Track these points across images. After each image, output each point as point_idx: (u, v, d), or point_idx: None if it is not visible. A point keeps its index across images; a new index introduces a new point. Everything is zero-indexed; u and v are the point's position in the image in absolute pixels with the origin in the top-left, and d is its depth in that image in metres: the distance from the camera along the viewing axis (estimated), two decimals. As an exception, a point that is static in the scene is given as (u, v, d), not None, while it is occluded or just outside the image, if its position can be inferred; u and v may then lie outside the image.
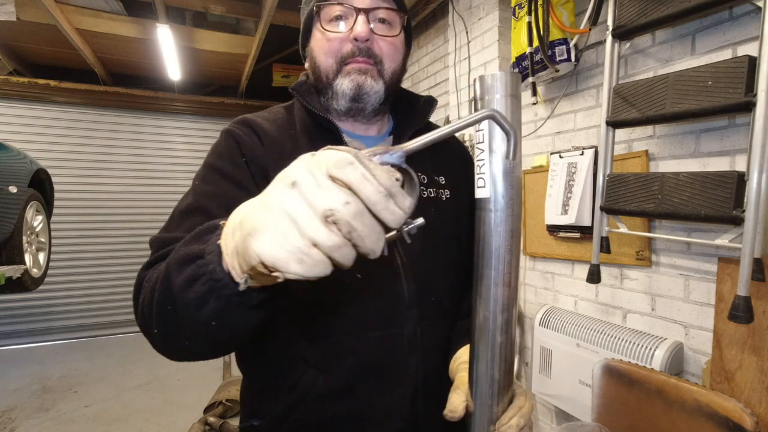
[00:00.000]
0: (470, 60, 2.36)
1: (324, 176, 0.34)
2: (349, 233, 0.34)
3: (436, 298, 0.74)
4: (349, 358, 0.68)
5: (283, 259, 0.34)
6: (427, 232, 0.74)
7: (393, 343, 0.70)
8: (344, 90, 0.72)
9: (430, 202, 0.77)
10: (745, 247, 1.15)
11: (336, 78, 0.72)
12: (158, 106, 4.84)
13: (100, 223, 4.67)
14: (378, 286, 0.70)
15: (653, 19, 1.36)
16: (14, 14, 2.89)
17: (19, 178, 2.88)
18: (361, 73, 0.71)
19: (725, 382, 1.27)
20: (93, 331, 4.67)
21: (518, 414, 0.57)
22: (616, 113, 1.50)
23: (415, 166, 0.76)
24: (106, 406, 3.06)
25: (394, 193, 0.35)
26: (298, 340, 0.69)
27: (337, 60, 0.71)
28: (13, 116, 4.32)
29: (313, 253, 0.35)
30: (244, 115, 0.76)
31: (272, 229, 0.35)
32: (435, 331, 0.74)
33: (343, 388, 0.67)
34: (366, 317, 0.69)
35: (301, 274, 0.35)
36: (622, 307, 1.72)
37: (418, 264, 0.73)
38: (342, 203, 0.34)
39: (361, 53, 0.70)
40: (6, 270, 2.50)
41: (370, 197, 0.34)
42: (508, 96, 0.49)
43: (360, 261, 0.69)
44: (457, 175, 0.85)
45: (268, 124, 0.74)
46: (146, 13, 3.55)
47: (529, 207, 2.14)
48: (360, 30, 0.69)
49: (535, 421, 2.14)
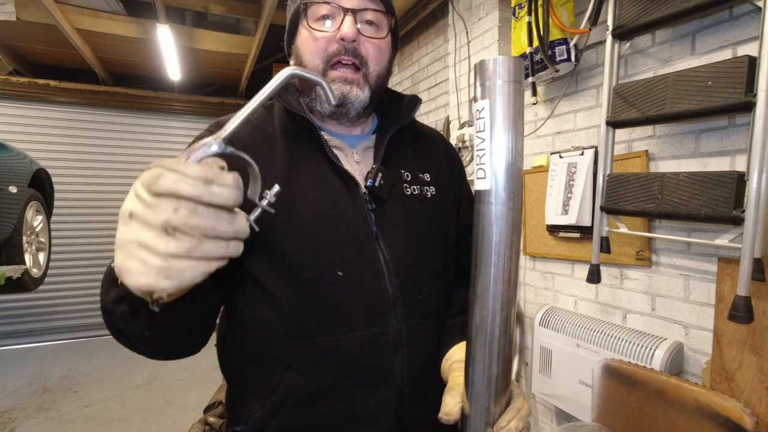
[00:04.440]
0: (470, 60, 2.36)
1: (149, 196, 0.38)
2: (196, 230, 0.38)
3: (422, 295, 0.73)
4: (330, 359, 0.66)
5: (153, 282, 0.38)
6: (410, 228, 0.74)
7: (376, 342, 0.68)
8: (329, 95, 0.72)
9: (414, 199, 0.77)
10: (745, 247, 1.15)
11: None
12: (158, 106, 4.84)
13: (100, 223, 4.67)
14: (360, 283, 0.68)
15: (653, 19, 1.36)
16: (14, 14, 2.89)
17: (19, 178, 2.88)
18: (347, 83, 0.71)
19: (725, 382, 1.27)
20: (93, 331, 4.67)
21: (517, 416, 0.56)
22: (616, 113, 1.50)
23: (399, 163, 0.78)
24: (106, 406, 3.06)
25: (210, 178, 0.38)
26: (277, 341, 0.67)
27: (323, 60, 0.71)
28: (13, 116, 4.32)
29: (174, 264, 0.38)
30: (219, 118, 0.75)
31: (130, 262, 0.39)
32: (422, 329, 0.72)
33: (324, 391, 0.66)
34: (347, 316, 0.67)
35: (175, 286, 0.39)
36: (622, 307, 1.72)
37: (402, 260, 0.71)
38: (172, 211, 0.37)
39: (348, 53, 0.70)
40: (6, 270, 2.50)
41: (191, 192, 0.37)
42: (511, 82, 0.47)
43: (341, 257, 0.67)
44: (443, 172, 0.84)
45: (242, 127, 0.73)
46: (146, 13, 3.55)
47: (529, 207, 2.14)
48: (347, 31, 0.68)
49: (535, 421, 2.14)
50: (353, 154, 0.77)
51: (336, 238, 0.68)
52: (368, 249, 0.70)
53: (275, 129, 0.74)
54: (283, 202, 0.67)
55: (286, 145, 0.72)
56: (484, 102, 0.48)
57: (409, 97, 0.83)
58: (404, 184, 0.77)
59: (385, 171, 0.73)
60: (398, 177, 0.76)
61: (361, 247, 0.69)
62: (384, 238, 0.71)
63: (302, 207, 0.68)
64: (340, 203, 0.70)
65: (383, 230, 0.71)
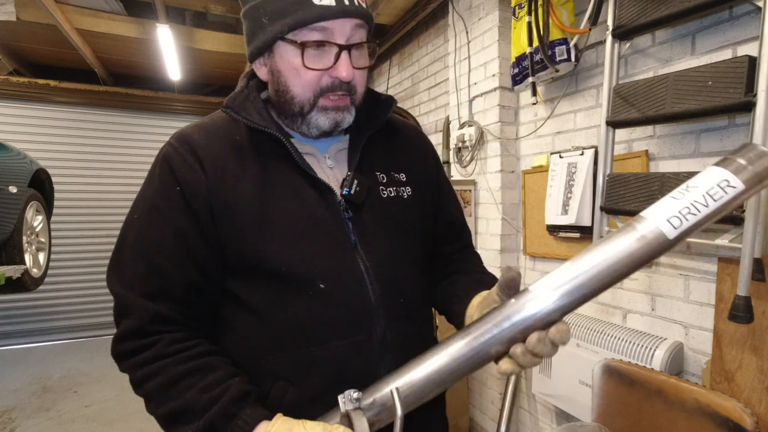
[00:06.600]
0: (470, 60, 2.36)
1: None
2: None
3: (404, 298, 0.73)
4: (317, 368, 0.67)
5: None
6: (389, 232, 0.74)
7: (362, 349, 0.69)
8: (320, 125, 0.70)
9: (391, 201, 0.76)
10: (745, 247, 1.15)
11: (311, 111, 0.69)
12: (158, 106, 4.84)
13: (100, 223, 4.67)
14: (342, 293, 0.68)
15: (653, 19, 1.36)
16: (14, 14, 2.89)
17: (19, 178, 2.88)
18: (339, 111, 0.70)
19: (725, 382, 1.27)
20: (93, 331, 4.67)
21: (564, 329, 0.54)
22: (616, 113, 1.50)
23: (374, 165, 0.78)
24: (106, 406, 3.06)
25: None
26: (264, 353, 0.68)
27: (315, 93, 0.68)
28: (13, 116, 4.32)
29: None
30: (181, 131, 0.72)
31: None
32: (406, 332, 0.72)
33: (314, 398, 0.66)
34: (332, 326, 0.68)
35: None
36: (622, 307, 1.72)
37: (383, 266, 0.71)
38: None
39: (341, 88, 0.68)
40: (6, 270, 2.50)
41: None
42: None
43: (321, 269, 0.69)
44: (419, 167, 0.84)
45: (207, 140, 0.70)
46: (146, 13, 3.55)
47: (529, 207, 2.14)
48: (345, 74, 0.66)
49: (535, 422, 2.14)
50: (326, 159, 0.76)
51: (315, 250, 0.68)
52: (348, 258, 0.70)
53: (242, 138, 0.72)
54: (258, 215, 0.67)
55: (255, 156, 0.70)
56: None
57: (384, 97, 0.80)
58: (380, 186, 0.76)
59: (361, 177, 0.72)
60: (373, 180, 0.75)
61: (341, 257, 0.69)
62: (363, 245, 0.71)
63: (278, 221, 0.67)
64: (316, 214, 0.69)
65: (362, 237, 0.71)
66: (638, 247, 0.51)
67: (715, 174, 0.52)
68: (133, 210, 0.70)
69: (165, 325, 0.65)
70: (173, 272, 0.66)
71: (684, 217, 0.50)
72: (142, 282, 0.65)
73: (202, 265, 0.67)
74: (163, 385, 0.62)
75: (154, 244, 0.66)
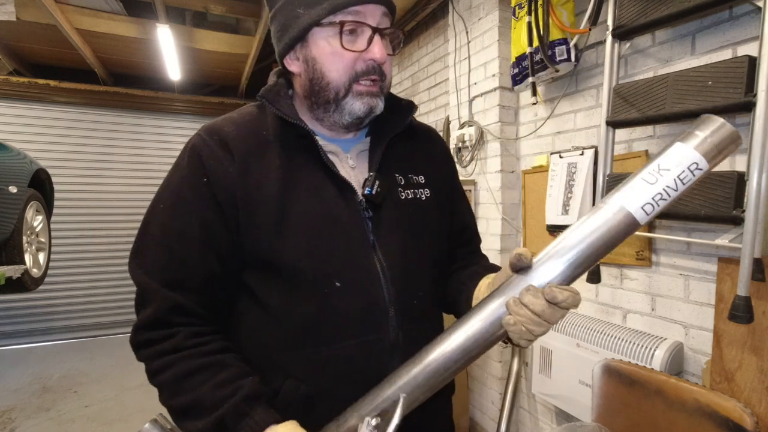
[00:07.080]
0: (470, 60, 2.36)
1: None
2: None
3: (417, 300, 0.74)
4: (328, 366, 0.68)
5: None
6: (406, 233, 0.75)
7: (373, 348, 0.69)
8: (354, 110, 0.71)
9: (409, 203, 0.77)
10: (745, 247, 1.15)
11: (346, 97, 0.70)
12: (158, 106, 4.84)
13: (100, 223, 4.67)
14: (357, 292, 0.69)
15: (653, 19, 1.36)
16: (14, 14, 2.89)
17: (19, 178, 2.88)
18: (373, 96, 0.71)
19: (725, 382, 1.27)
20: (93, 331, 4.67)
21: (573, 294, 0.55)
22: (616, 113, 1.50)
23: (393, 167, 0.78)
24: (106, 406, 3.06)
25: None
26: (275, 350, 0.68)
27: (350, 77, 0.70)
28: (13, 116, 4.31)
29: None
30: (211, 123, 0.73)
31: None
32: (417, 334, 0.72)
33: (324, 396, 0.67)
34: (345, 325, 0.68)
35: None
36: (622, 307, 1.72)
37: (399, 267, 0.72)
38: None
39: (375, 72, 0.70)
40: (6, 270, 2.50)
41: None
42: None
43: (338, 267, 0.70)
44: (438, 170, 0.85)
45: (236, 133, 0.71)
46: (146, 13, 3.55)
47: (529, 207, 2.14)
48: (380, 55, 0.68)
49: (535, 422, 2.14)
50: (348, 158, 0.77)
51: (333, 247, 0.68)
52: (365, 258, 0.70)
53: (269, 133, 0.73)
54: (279, 211, 0.67)
55: (281, 152, 0.71)
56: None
57: (406, 102, 0.82)
58: (399, 188, 0.77)
59: (382, 178, 0.73)
60: (393, 182, 0.76)
61: (359, 256, 0.70)
62: (381, 245, 0.72)
63: (298, 216, 0.68)
64: (336, 212, 0.70)
65: (380, 238, 0.72)
66: (617, 222, 0.54)
67: (685, 155, 0.53)
68: (157, 198, 0.71)
69: (184, 317, 0.66)
70: (195, 262, 0.66)
71: (656, 204, 0.52)
72: (164, 270, 0.66)
73: (223, 256, 0.68)
74: (177, 377, 0.63)
75: (178, 234, 0.67)
